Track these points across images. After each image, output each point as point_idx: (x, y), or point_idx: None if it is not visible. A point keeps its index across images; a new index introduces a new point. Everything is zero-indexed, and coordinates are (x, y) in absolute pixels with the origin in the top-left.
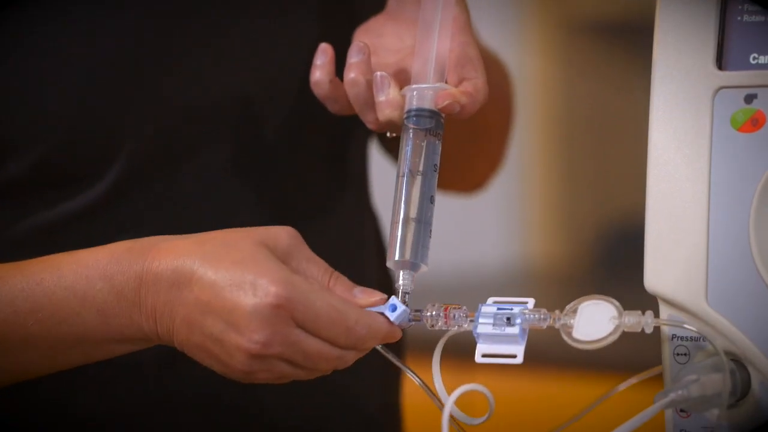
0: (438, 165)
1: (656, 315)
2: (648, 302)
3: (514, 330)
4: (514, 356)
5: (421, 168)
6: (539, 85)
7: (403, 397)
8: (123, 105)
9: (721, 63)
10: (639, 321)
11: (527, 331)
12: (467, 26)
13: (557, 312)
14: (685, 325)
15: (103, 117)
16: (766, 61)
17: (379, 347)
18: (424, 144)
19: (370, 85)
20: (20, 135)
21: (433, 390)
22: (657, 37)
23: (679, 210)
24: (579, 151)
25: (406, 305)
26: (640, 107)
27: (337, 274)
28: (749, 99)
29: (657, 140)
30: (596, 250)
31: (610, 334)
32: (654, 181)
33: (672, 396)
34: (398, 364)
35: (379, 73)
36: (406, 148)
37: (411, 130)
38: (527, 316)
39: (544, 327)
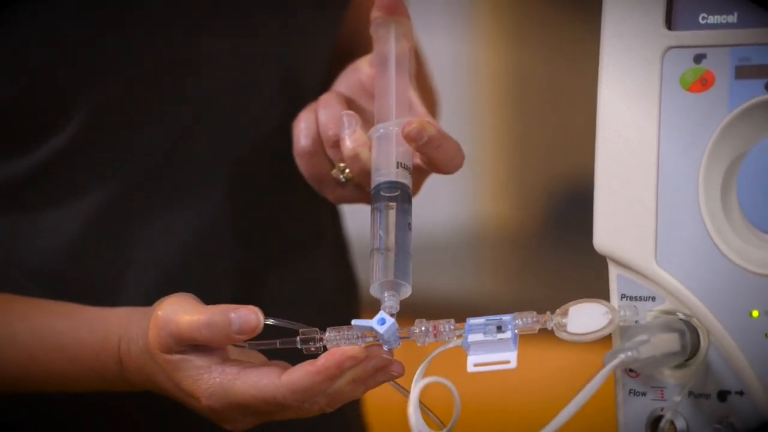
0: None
1: (606, 275)
2: (598, 262)
3: (507, 335)
4: (508, 362)
5: (395, 203)
6: (489, 50)
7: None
8: (84, 56)
9: (670, 23)
10: (635, 314)
11: (518, 336)
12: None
13: (548, 314)
14: (682, 315)
15: (62, 68)
16: (715, 21)
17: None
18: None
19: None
20: None
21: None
22: None
23: (629, 170)
24: (529, 114)
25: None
26: (589, 68)
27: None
28: (698, 59)
29: (606, 101)
30: (546, 212)
31: (605, 327)
32: (603, 141)
33: (621, 357)
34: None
35: (346, 112)
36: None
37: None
38: (518, 321)
39: (537, 330)
